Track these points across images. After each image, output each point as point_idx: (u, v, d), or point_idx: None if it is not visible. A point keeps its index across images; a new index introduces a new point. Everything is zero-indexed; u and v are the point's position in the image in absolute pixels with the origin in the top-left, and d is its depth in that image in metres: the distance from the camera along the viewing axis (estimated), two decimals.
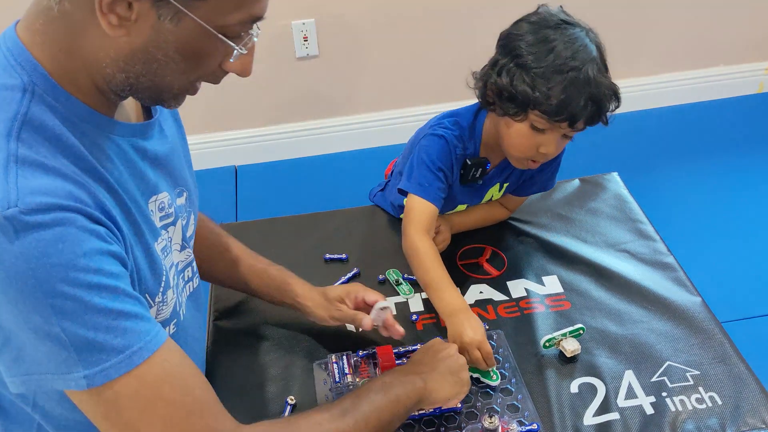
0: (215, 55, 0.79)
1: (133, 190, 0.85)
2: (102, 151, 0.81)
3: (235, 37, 0.77)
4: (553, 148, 1.22)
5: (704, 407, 1.10)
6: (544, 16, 1.20)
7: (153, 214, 0.90)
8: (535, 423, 1.08)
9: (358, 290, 1.20)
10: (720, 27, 2.86)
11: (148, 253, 0.86)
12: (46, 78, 0.76)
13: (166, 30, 0.73)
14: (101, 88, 0.79)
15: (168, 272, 0.92)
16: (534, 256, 1.43)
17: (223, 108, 2.66)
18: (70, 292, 0.70)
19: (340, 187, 2.64)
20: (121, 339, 0.74)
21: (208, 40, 0.75)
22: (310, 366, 1.20)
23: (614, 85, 1.20)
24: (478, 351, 1.13)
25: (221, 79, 0.84)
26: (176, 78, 0.79)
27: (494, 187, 1.41)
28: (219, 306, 1.35)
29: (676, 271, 1.36)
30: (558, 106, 1.15)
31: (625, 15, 2.72)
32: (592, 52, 1.17)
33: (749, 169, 2.64)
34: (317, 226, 1.52)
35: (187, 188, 1.01)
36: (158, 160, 0.92)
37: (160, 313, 0.91)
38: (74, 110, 0.78)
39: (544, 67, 1.16)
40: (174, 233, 0.96)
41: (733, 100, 3.00)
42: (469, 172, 1.32)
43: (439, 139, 1.29)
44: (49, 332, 0.71)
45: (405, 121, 2.81)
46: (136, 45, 0.74)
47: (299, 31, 2.58)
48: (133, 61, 0.76)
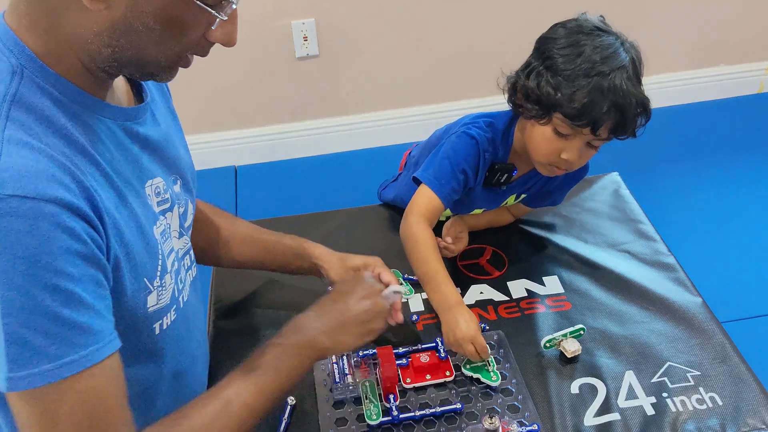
0: (196, 24, 0.78)
1: (128, 172, 0.85)
2: (93, 133, 0.80)
3: (214, 5, 0.77)
4: (575, 154, 1.20)
5: (705, 408, 1.10)
6: (581, 22, 1.20)
7: (150, 198, 0.89)
8: (536, 423, 1.08)
9: (376, 265, 1.21)
10: (720, 27, 2.86)
11: (143, 236, 0.86)
12: (34, 60, 0.76)
13: (144, 0, 0.73)
14: (89, 66, 0.79)
15: (167, 257, 0.92)
16: (534, 256, 1.43)
17: (223, 108, 2.66)
18: (24, 287, 0.69)
19: (340, 187, 2.64)
20: (57, 347, 0.71)
21: (186, 8, 0.75)
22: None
23: (644, 97, 1.17)
24: (471, 345, 1.13)
25: (208, 51, 0.83)
26: (160, 49, 0.78)
27: (512, 196, 1.41)
28: (219, 306, 1.34)
29: (676, 271, 1.36)
30: (580, 110, 1.14)
31: (624, 15, 2.72)
32: (623, 60, 1.16)
33: (749, 169, 2.64)
34: (317, 226, 1.51)
35: (182, 176, 1.01)
36: (151, 145, 0.91)
37: (160, 299, 0.90)
38: (64, 91, 0.78)
39: (571, 69, 1.15)
40: (172, 219, 0.95)
41: (733, 100, 3.00)
42: (494, 176, 1.31)
43: (470, 139, 1.28)
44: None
45: (405, 121, 2.81)
46: (116, 17, 0.74)
47: (299, 31, 2.57)
48: (115, 34, 0.75)
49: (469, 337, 1.13)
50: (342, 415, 1.11)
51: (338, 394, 1.14)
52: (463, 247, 1.41)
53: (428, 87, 2.78)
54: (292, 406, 1.14)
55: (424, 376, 1.15)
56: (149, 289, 0.87)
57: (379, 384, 1.14)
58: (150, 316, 0.89)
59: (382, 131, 2.82)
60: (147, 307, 0.88)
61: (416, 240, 1.25)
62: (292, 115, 2.79)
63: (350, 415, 1.11)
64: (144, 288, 0.86)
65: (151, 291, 0.88)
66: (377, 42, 2.66)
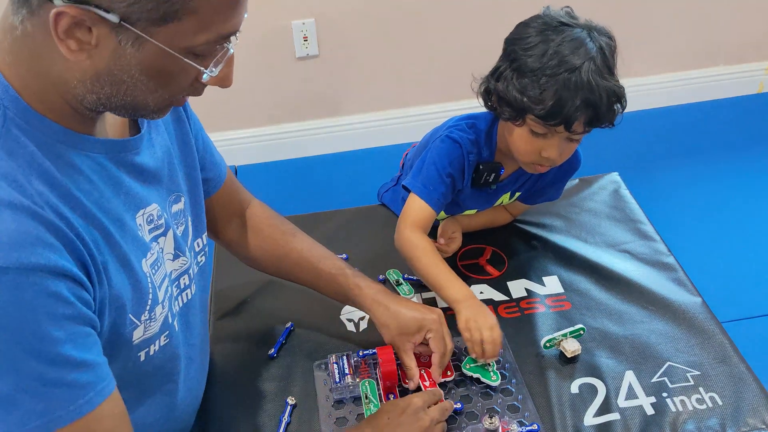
0: (185, 74, 0.76)
1: (116, 208, 0.83)
2: (78, 172, 0.78)
3: (206, 55, 0.75)
4: (555, 152, 1.20)
5: (705, 408, 1.10)
6: (545, 19, 1.18)
7: (141, 229, 0.88)
8: (536, 423, 1.08)
9: (431, 328, 1.12)
10: (720, 27, 2.86)
11: (131, 274, 0.85)
12: (17, 100, 0.74)
13: (128, 54, 0.71)
14: (74, 106, 0.77)
15: (158, 289, 0.90)
16: (534, 256, 1.43)
17: (223, 108, 2.65)
18: (9, 353, 0.70)
19: (341, 186, 2.64)
20: (45, 405, 0.73)
21: (174, 62, 0.73)
22: (310, 366, 1.20)
23: (616, 86, 1.15)
24: (490, 332, 1.13)
25: (203, 91, 0.81)
26: (149, 96, 0.77)
27: (506, 195, 1.40)
28: (219, 306, 1.34)
29: (676, 271, 1.36)
30: (551, 110, 1.13)
31: (624, 15, 2.72)
32: (590, 52, 1.14)
33: (749, 169, 2.64)
34: (317, 226, 1.51)
35: (190, 191, 0.99)
36: (147, 173, 0.89)
37: (147, 330, 0.89)
38: (47, 131, 0.75)
39: (536, 70, 1.14)
40: (165, 243, 0.94)
41: (733, 100, 3.00)
42: (481, 176, 1.30)
43: (453, 143, 1.28)
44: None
45: (405, 121, 2.81)
46: (100, 68, 0.72)
47: (299, 31, 2.57)
48: (100, 83, 0.74)
49: (489, 324, 1.13)
50: (342, 415, 1.11)
51: (338, 394, 1.14)
52: (457, 247, 1.40)
53: (428, 87, 2.78)
54: (292, 406, 1.14)
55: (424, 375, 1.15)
56: (135, 324, 0.87)
57: (379, 384, 1.14)
58: (135, 346, 0.88)
59: (382, 131, 2.82)
60: (132, 339, 0.87)
61: (414, 247, 1.26)
62: (292, 115, 2.79)
63: (350, 415, 1.11)
64: (129, 323, 0.86)
65: (138, 325, 0.87)
66: (377, 42, 2.66)
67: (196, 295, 1.04)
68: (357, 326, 1.29)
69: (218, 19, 0.72)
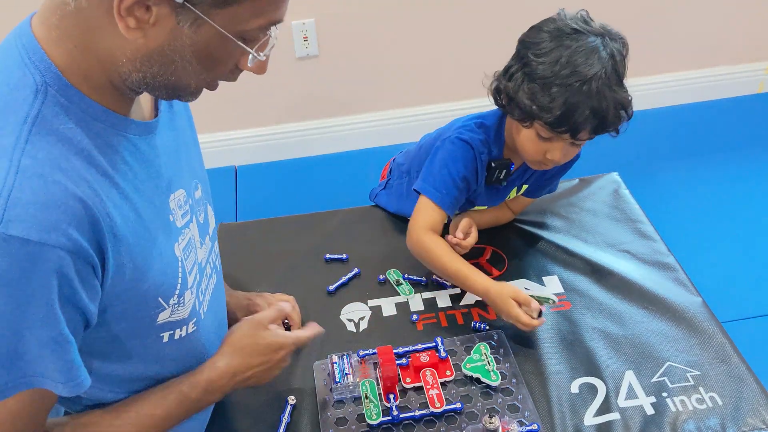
0: (231, 59, 0.79)
1: (151, 191, 0.85)
2: (116, 152, 0.80)
3: (252, 40, 0.77)
4: (559, 155, 1.22)
5: (705, 407, 1.10)
6: (559, 24, 1.18)
7: (174, 213, 0.89)
8: (536, 423, 1.08)
9: (257, 304, 1.21)
10: (720, 27, 2.86)
11: (161, 256, 0.85)
12: (59, 77, 0.75)
13: (184, 35, 0.73)
14: (116, 85, 0.78)
15: (188, 273, 0.91)
16: (534, 256, 1.43)
17: (223, 108, 2.65)
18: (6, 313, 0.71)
19: (340, 187, 2.64)
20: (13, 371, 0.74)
21: (225, 45, 0.75)
22: (310, 366, 1.20)
23: (624, 98, 1.17)
24: (517, 321, 1.18)
25: (238, 77, 0.83)
26: (192, 78, 0.78)
27: (513, 189, 1.41)
28: None
29: (676, 271, 1.36)
30: (559, 118, 1.15)
31: (624, 15, 2.72)
32: (602, 61, 1.14)
33: (749, 169, 2.64)
34: (317, 226, 1.52)
35: (202, 180, 1.01)
36: (172, 155, 0.91)
37: (174, 313, 0.90)
38: (88, 110, 0.77)
39: (548, 77, 1.15)
40: (194, 230, 0.95)
41: (733, 100, 3.00)
42: (493, 174, 1.32)
43: (464, 144, 1.28)
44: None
45: (405, 121, 2.81)
46: (153, 47, 0.74)
47: (299, 31, 2.57)
48: (150, 62, 0.75)
49: (523, 299, 1.18)
50: (342, 415, 1.11)
51: (338, 394, 1.14)
52: (474, 242, 1.40)
53: (428, 87, 2.77)
54: (292, 406, 1.14)
55: (425, 375, 1.15)
56: (162, 307, 0.87)
57: (379, 384, 1.14)
58: (159, 326, 0.89)
59: (381, 131, 2.82)
60: (156, 320, 0.88)
61: (429, 249, 1.27)
62: (292, 115, 2.79)
63: (350, 415, 1.11)
64: (156, 306, 0.86)
65: (165, 309, 0.88)
66: (377, 42, 2.65)
67: (218, 285, 1.05)
68: (357, 326, 1.29)
69: (271, 7, 0.76)
